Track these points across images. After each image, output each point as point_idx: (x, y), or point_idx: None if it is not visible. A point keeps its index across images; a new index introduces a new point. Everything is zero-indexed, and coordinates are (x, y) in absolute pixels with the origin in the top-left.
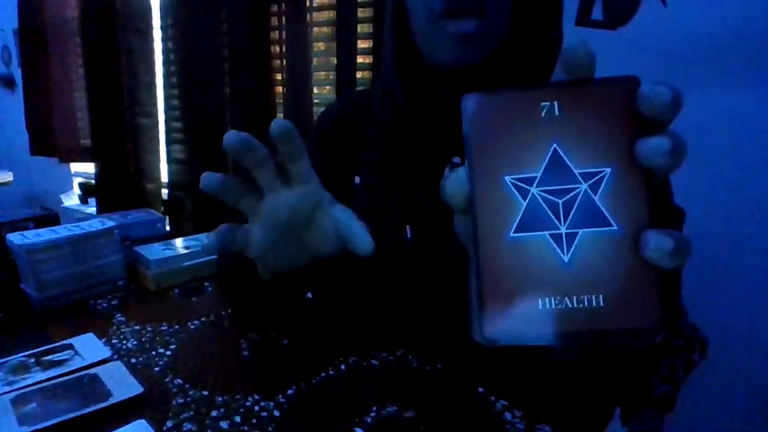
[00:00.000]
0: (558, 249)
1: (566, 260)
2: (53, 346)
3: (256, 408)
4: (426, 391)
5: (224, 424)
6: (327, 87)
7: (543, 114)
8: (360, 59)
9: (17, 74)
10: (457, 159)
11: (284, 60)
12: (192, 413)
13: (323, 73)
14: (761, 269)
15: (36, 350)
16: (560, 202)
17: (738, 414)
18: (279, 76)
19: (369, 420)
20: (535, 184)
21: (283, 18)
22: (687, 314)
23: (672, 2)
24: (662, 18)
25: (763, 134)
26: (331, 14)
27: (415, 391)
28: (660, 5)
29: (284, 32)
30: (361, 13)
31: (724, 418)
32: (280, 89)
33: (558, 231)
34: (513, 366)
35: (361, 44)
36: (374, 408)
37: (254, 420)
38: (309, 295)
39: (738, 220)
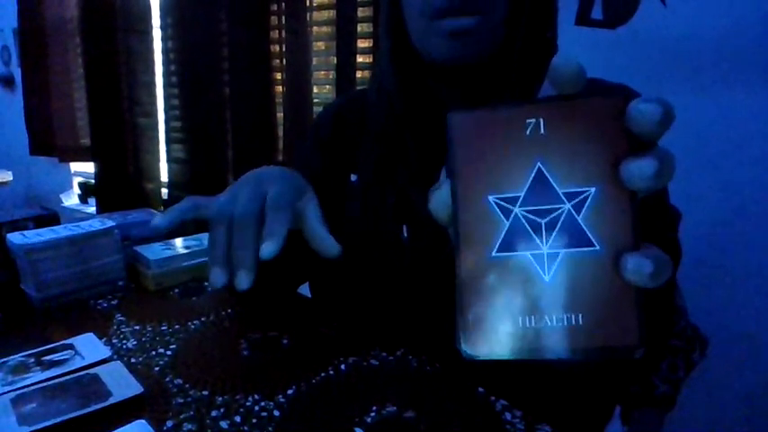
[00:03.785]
0: (539, 269)
1: (546, 280)
2: (53, 346)
3: (256, 408)
4: (426, 391)
5: (224, 424)
6: (327, 87)
7: (528, 132)
8: (360, 59)
9: (17, 74)
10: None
11: (284, 60)
12: (192, 413)
13: (323, 72)
14: (761, 269)
15: (36, 350)
16: (543, 222)
17: (738, 414)
18: (279, 76)
19: (369, 420)
20: (518, 204)
21: (283, 17)
22: (687, 314)
23: (671, 2)
24: (661, 18)
25: (762, 134)
26: (331, 14)
27: (415, 391)
28: (660, 5)
29: (284, 32)
30: (361, 12)
31: (724, 418)
32: (280, 89)
33: (539, 251)
34: (512, 367)
35: (361, 43)
36: (374, 408)
37: (254, 420)
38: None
39: (738, 220)
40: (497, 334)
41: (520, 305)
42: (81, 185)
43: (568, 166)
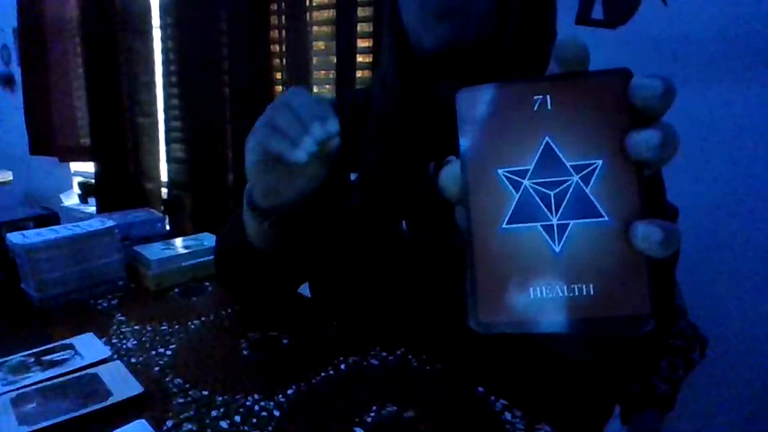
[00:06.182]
0: (549, 240)
1: (557, 250)
2: (53, 345)
3: (256, 408)
4: (426, 391)
5: (224, 424)
6: (327, 86)
7: (535, 108)
8: (359, 59)
9: (17, 73)
10: (452, 158)
11: (284, 60)
12: (192, 413)
13: (323, 72)
14: (760, 268)
15: (36, 350)
16: (552, 193)
17: (738, 414)
18: (279, 76)
19: (369, 420)
20: (527, 177)
21: (283, 17)
22: (687, 314)
23: (672, 2)
24: (662, 18)
25: (762, 133)
26: (331, 13)
27: (415, 391)
28: (660, 5)
29: (284, 32)
30: (360, 12)
31: (724, 418)
32: (280, 89)
33: (549, 222)
34: (513, 366)
35: (361, 43)
36: (374, 408)
37: (254, 420)
38: (309, 295)
39: (738, 220)
40: (508, 306)
41: (531, 276)
42: (81, 185)
43: (576, 140)
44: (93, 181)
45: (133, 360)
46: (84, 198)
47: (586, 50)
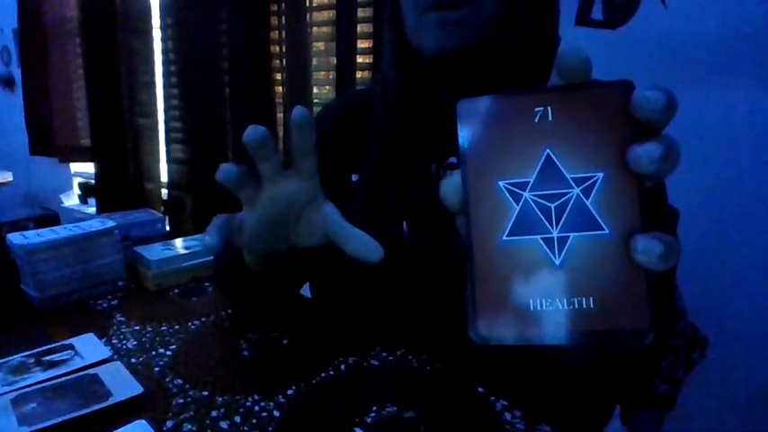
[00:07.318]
0: (549, 253)
1: (557, 263)
2: (53, 346)
3: (256, 408)
4: (426, 391)
5: (224, 424)
6: (327, 87)
7: (536, 120)
8: (359, 59)
9: (17, 74)
10: (453, 159)
11: (284, 60)
12: (192, 413)
13: (323, 73)
14: (760, 268)
15: (36, 350)
16: (553, 206)
17: (738, 414)
18: (279, 76)
19: (369, 420)
20: (528, 189)
21: (283, 18)
22: (687, 314)
23: (672, 2)
24: (662, 18)
25: (761, 134)
26: (331, 14)
27: (415, 391)
28: (660, 5)
29: (284, 32)
30: (360, 12)
31: (724, 418)
32: (280, 89)
33: (549, 235)
34: (513, 366)
35: (361, 44)
36: (374, 408)
37: (254, 420)
38: (309, 295)
39: (738, 221)
40: (508, 318)
41: (531, 289)
42: (81, 186)
43: (576, 152)
44: (93, 181)
45: (133, 360)
46: (84, 199)
47: (588, 62)
